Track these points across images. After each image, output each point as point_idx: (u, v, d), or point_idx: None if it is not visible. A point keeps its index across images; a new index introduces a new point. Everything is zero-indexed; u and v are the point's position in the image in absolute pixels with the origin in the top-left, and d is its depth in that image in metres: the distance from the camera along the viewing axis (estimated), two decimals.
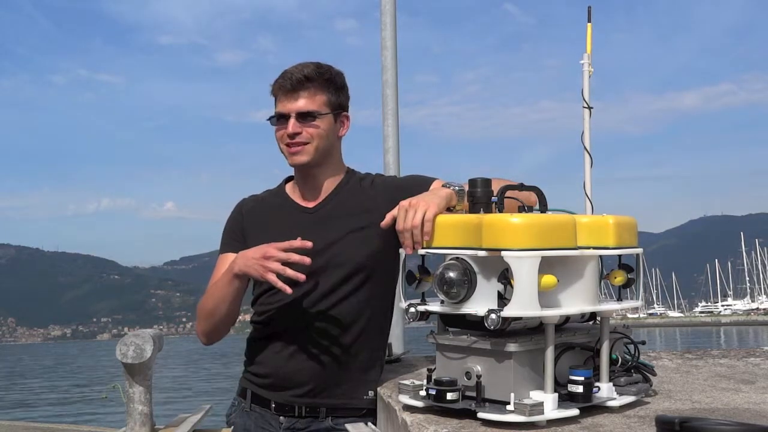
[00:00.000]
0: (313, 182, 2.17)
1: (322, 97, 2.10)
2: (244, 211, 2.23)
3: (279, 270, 1.86)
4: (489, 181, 1.60)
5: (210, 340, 2.17)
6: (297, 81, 2.07)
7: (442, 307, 1.55)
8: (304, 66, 2.11)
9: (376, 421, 2.04)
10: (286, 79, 2.08)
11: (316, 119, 2.09)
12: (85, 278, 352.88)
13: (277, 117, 2.11)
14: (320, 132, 2.10)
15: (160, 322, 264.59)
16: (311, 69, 2.10)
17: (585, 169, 1.91)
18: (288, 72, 2.10)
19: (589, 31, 1.95)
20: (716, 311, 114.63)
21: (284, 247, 1.88)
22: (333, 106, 2.13)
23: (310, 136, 2.09)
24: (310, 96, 2.08)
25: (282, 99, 2.10)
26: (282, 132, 2.10)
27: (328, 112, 2.12)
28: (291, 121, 2.08)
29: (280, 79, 2.10)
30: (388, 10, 3.22)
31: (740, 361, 2.38)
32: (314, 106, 2.09)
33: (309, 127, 2.09)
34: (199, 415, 2.09)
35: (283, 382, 2.08)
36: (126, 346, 1.79)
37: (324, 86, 2.11)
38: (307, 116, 2.08)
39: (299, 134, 2.08)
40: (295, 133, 2.08)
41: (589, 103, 1.89)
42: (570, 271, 1.51)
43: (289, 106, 2.08)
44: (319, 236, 2.08)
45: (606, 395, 1.54)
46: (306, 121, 2.08)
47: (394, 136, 3.20)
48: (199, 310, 2.15)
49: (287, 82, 2.08)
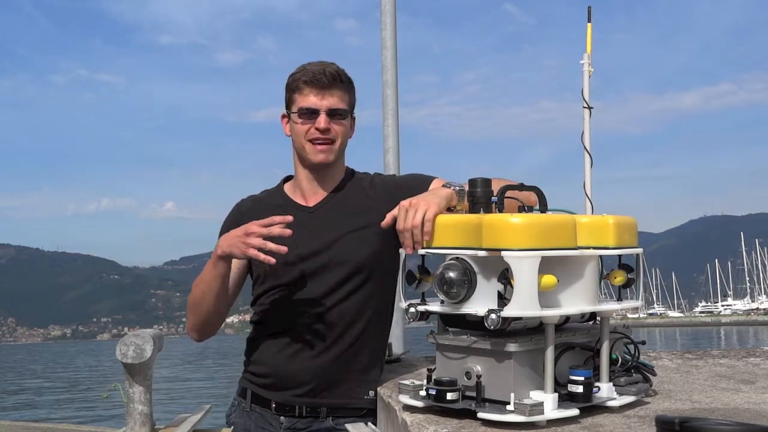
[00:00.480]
0: (320, 181, 2.16)
1: (348, 97, 2.12)
2: (242, 210, 2.22)
3: (260, 245, 1.86)
4: (489, 181, 1.60)
5: (200, 334, 2.13)
6: (332, 77, 2.06)
7: (442, 307, 1.55)
8: (330, 64, 2.10)
9: (377, 421, 2.04)
10: (320, 74, 2.05)
11: (344, 119, 2.10)
12: (85, 278, 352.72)
13: (306, 111, 2.08)
14: (345, 131, 2.12)
15: (160, 322, 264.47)
16: (338, 68, 2.09)
17: (585, 169, 1.90)
18: (319, 67, 2.07)
19: (589, 31, 1.95)
20: (716, 311, 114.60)
21: (265, 223, 1.89)
22: (351, 108, 2.14)
23: (336, 134, 2.09)
24: (341, 95, 2.09)
25: (311, 94, 2.06)
26: (308, 127, 2.07)
27: (351, 113, 2.14)
28: (322, 116, 2.06)
29: (308, 74, 2.06)
30: (388, 10, 3.22)
31: (740, 361, 2.38)
32: (344, 105, 2.10)
33: (337, 125, 2.09)
34: (199, 415, 2.09)
35: (283, 382, 2.08)
36: (126, 346, 1.79)
37: (349, 87, 2.13)
38: (337, 114, 2.08)
39: (328, 131, 2.07)
40: (325, 128, 2.06)
41: (589, 103, 1.89)
42: (570, 271, 1.51)
43: (319, 102, 2.06)
44: (319, 236, 2.08)
45: (606, 395, 1.54)
46: (335, 120, 2.08)
47: (394, 136, 3.20)
48: (188, 305, 2.11)
49: (323, 77, 2.05)
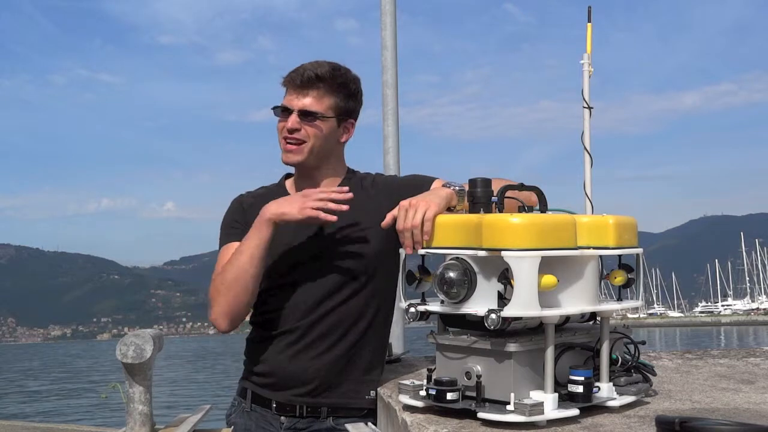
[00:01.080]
0: (311, 183, 2.15)
1: (329, 99, 2.08)
2: (245, 206, 2.18)
3: (322, 205, 1.91)
4: (489, 181, 1.60)
5: (232, 320, 2.00)
6: (308, 78, 2.05)
7: (442, 307, 1.55)
8: (319, 64, 2.08)
9: (377, 421, 2.04)
10: (297, 74, 2.06)
11: (317, 120, 2.07)
12: (85, 278, 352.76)
13: (281, 109, 2.09)
14: (318, 134, 2.07)
15: (160, 322, 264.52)
16: (326, 69, 2.07)
17: (585, 169, 1.91)
18: (302, 68, 2.07)
19: (589, 31, 1.95)
20: (716, 311, 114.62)
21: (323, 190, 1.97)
22: (339, 111, 2.10)
23: (308, 136, 2.06)
24: (317, 96, 2.06)
25: (289, 93, 2.08)
26: (282, 125, 2.09)
27: (332, 116, 2.09)
28: (292, 116, 2.05)
29: (292, 72, 2.08)
30: (388, 10, 3.22)
31: (740, 361, 2.38)
32: (319, 108, 2.06)
33: (309, 127, 2.06)
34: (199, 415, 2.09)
35: (284, 382, 2.07)
36: (126, 346, 1.79)
37: (335, 89, 2.08)
38: (309, 115, 2.06)
39: (298, 131, 2.06)
40: (293, 128, 2.06)
41: (589, 103, 1.89)
42: (570, 271, 1.51)
43: (294, 101, 2.06)
44: (320, 236, 2.08)
45: (606, 395, 1.54)
46: (307, 120, 2.06)
47: (394, 136, 3.20)
48: (215, 289, 2.01)
49: (298, 77, 2.05)
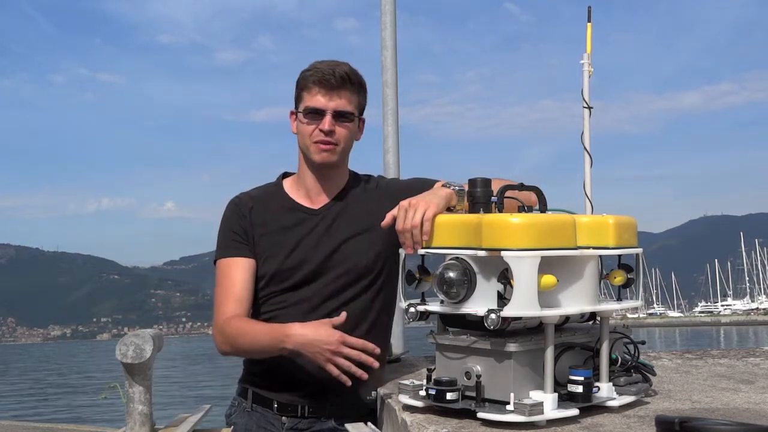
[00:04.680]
0: (325, 183, 2.13)
1: (356, 99, 2.08)
2: (245, 211, 2.14)
3: (346, 366, 1.89)
4: (489, 181, 1.60)
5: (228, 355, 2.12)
6: (341, 78, 2.03)
7: (442, 307, 1.55)
8: (338, 64, 2.06)
9: (377, 421, 2.03)
10: (328, 74, 2.02)
11: (349, 121, 2.07)
12: (85, 278, 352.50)
13: (312, 111, 2.05)
14: (348, 134, 2.08)
15: (160, 322, 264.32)
16: (349, 69, 2.06)
17: (585, 169, 1.90)
18: (327, 68, 2.04)
19: (589, 31, 1.95)
20: (716, 311, 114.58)
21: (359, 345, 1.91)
22: (360, 110, 2.11)
23: (341, 137, 2.06)
24: (348, 97, 2.05)
25: (318, 94, 2.03)
26: (314, 127, 2.05)
27: (357, 116, 2.10)
28: (327, 118, 2.03)
29: (318, 73, 2.03)
30: (388, 10, 3.21)
31: (740, 361, 2.38)
32: (350, 108, 2.06)
33: (342, 128, 2.06)
34: (199, 415, 2.09)
35: (286, 383, 2.07)
36: (126, 346, 1.79)
37: (358, 89, 2.09)
38: (343, 116, 2.05)
39: (333, 133, 2.04)
40: (330, 131, 2.04)
41: (589, 103, 1.89)
42: (570, 271, 1.51)
43: (327, 102, 2.03)
44: (324, 239, 2.07)
45: (606, 395, 1.54)
46: (340, 121, 2.05)
47: (394, 136, 3.20)
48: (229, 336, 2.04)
49: (332, 78, 2.02)
